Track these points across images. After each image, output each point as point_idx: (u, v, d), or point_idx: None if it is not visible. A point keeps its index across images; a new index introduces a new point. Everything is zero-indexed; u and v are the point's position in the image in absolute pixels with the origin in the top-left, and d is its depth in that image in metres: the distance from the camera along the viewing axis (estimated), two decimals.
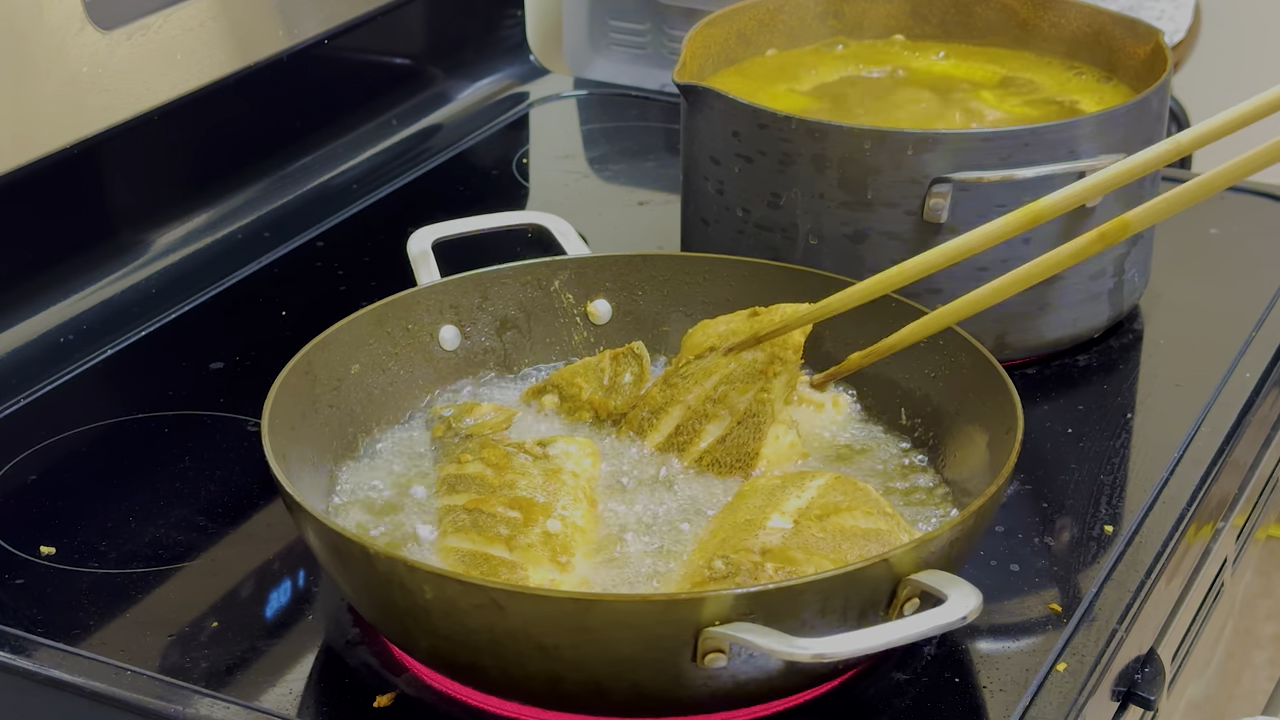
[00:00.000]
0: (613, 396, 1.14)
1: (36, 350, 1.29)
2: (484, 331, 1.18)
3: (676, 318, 1.20)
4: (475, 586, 0.89)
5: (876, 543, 0.98)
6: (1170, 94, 1.33)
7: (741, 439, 1.08)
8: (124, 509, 1.13)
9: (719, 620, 0.87)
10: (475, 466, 1.05)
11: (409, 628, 0.94)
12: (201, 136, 1.44)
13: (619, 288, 1.20)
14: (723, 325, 1.14)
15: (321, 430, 1.07)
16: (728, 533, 1.00)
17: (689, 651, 0.88)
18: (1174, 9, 2.03)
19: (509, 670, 0.92)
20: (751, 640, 0.86)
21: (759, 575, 0.95)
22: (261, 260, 1.44)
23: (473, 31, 1.74)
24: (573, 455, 1.07)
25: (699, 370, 1.12)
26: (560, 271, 1.19)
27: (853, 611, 0.90)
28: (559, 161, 1.66)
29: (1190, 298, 1.38)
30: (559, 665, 0.90)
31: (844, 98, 1.38)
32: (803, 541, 0.97)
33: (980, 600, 0.88)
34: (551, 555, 0.99)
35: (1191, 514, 1.14)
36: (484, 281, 1.18)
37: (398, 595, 0.91)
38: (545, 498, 1.02)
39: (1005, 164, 1.21)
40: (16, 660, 1.00)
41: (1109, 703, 1.04)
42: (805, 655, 0.86)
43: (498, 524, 1.00)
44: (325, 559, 0.96)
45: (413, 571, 0.90)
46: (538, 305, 1.19)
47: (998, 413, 1.04)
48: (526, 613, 0.88)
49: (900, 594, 0.91)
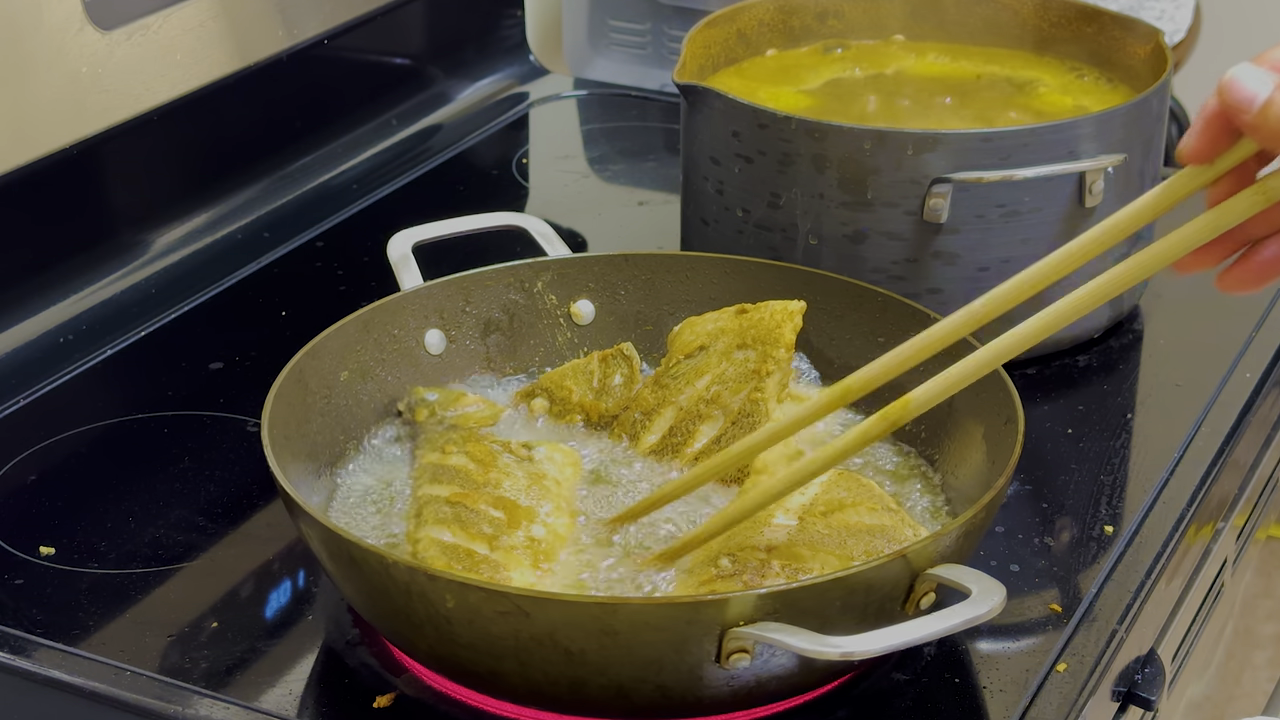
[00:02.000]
0: (603, 398, 1.13)
1: (36, 350, 1.29)
2: (469, 335, 1.17)
3: (660, 316, 1.20)
4: (500, 594, 0.88)
5: (882, 538, 0.98)
6: (1170, 94, 1.33)
7: (736, 439, 1.08)
8: (124, 509, 1.13)
9: (744, 620, 0.87)
10: (459, 459, 1.04)
11: (428, 636, 0.93)
12: (201, 136, 1.44)
13: (601, 288, 1.20)
14: (710, 324, 1.14)
15: (315, 439, 1.07)
16: (730, 532, 1.00)
17: (713, 652, 0.88)
18: (1174, 9, 2.03)
19: (531, 676, 0.91)
20: (782, 640, 0.86)
21: (766, 573, 0.95)
22: (261, 260, 1.43)
23: (473, 31, 1.74)
24: (556, 462, 1.07)
25: (690, 370, 1.12)
26: (543, 273, 1.19)
27: (872, 608, 0.90)
28: (559, 161, 1.66)
29: (1190, 298, 1.38)
30: (583, 670, 0.90)
31: (844, 98, 1.38)
32: (808, 538, 0.97)
33: (1004, 593, 0.88)
34: (534, 560, 0.98)
35: (1191, 514, 1.14)
36: (467, 284, 1.17)
37: (417, 605, 0.90)
38: (529, 501, 1.02)
39: (1005, 164, 1.21)
40: (16, 660, 1.00)
41: (1109, 703, 1.04)
42: (835, 653, 0.86)
43: (481, 521, 0.99)
44: (336, 569, 0.96)
45: (434, 580, 0.89)
46: (521, 307, 1.19)
47: (996, 409, 1.04)
48: (553, 618, 0.88)
49: (918, 589, 0.91)
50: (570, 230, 1.51)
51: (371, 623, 0.99)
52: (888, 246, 1.23)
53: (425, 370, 1.15)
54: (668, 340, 1.16)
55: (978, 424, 1.06)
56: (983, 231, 1.23)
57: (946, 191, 1.21)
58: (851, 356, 1.14)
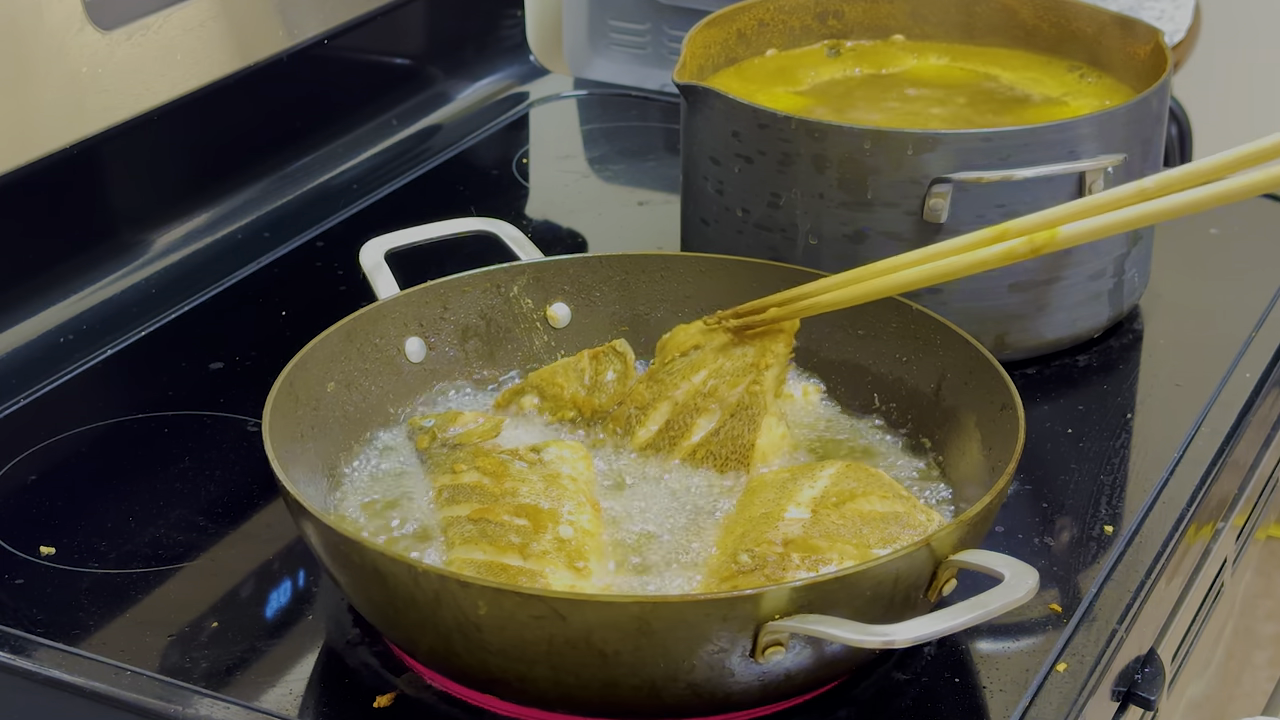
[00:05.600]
0: (596, 394, 1.13)
1: (36, 350, 1.29)
2: (448, 342, 1.17)
3: (635, 317, 1.20)
4: (535, 598, 0.88)
5: (897, 525, 0.99)
6: (1170, 94, 1.33)
7: (735, 431, 1.08)
8: (124, 509, 1.13)
9: (779, 614, 0.87)
10: (472, 476, 1.04)
11: (455, 645, 0.92)
12: (201, 136, 1.44)
13: (577, 290, 1.20)
14: (705, 326, 1.14)
15: (308, 455, 1.06)
16: (745, 527, 1.00)
17: (748, 647, 0.88)
18: (1174, 9, 2.03)
19: (563, 680, 0.91)
20: (827, 631, 0.87)
21: (786, 566, 0.95)
22: (261, 260, 1.43)
23: (473, 31, 1.74)
24: (567, 459, 1.07)
25: (686, 366, 1.12)
26: (518, 277, 1.19)
27: (899, 596, 0.91)
28: (559, 161, 1.66)
29: (1190, 298, 1.38)
30: (618, 671, 0.90)
31: (844, 98, 1.38)
32: (824, 529, 0.98)
33: (1037, 576, 0.89)
34: (568, 561, 0.98)
35: (1191, 514, 1.14)
36: (445, 290, 1.17)
37: (446, 613, 0.90)
38: (550, 504, 1.02)
39: (1005, 164, 1.21)
40: (16, 660, 1.00)
41: (1109, 703, 1.04)
42: (879, 642, 0.87)
43: (508, 533, 0.99)
44: (350, 578, 0.95)
45: (466, 588, 0.88)
46: (498, 312, 1.18)
47: (990, 398, 1.05)
48: (589, 620, 0.88)
49: (940, 576, 0.92)
50: (570, 230, 1.51)
51: (383, 628, 0.98)
52: (888, 246, 1.23)
53: (407, 379, 1.15)
54: (657, 346, 1.16)
55: (970, 413, 1.07)
56: None
57: (946, 191, 1.21)
58: (832, 350, 1.16)
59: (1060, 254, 1.24)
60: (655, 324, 1.19)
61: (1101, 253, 1.27)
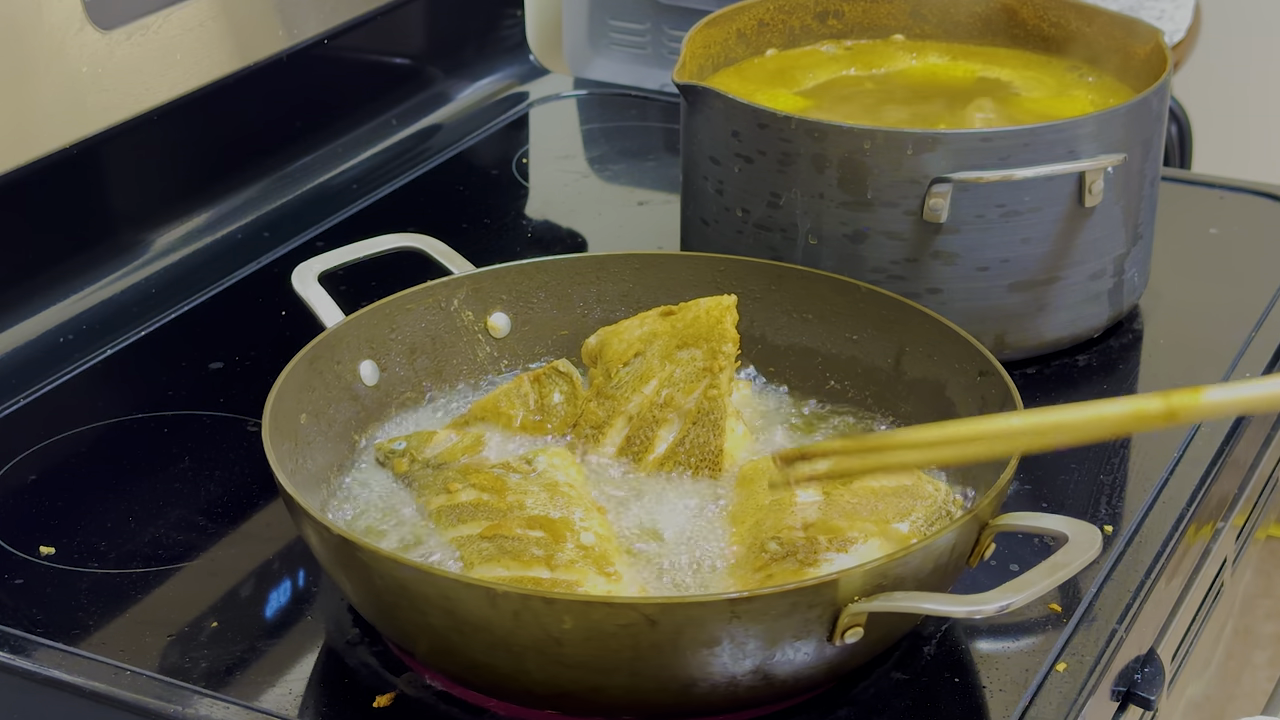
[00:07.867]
0: (548, 418, 1.11)
1: (36, 350, 1.29)
2: (397, 362, 1.15)
3: (573, 321, 1.19)
4: (627, 606, 0.87)
5: (909, 497, 1.01)
6: (1170, 94, 1.33)
7: (701, 439, 1.08)
8: (124, 509, 1.13)
9: (859, 595, 0.89)
10: (470, 494, 1.02)
11: (525, 664, 0.90)
12: (201, 136, 1.44)
13: (514, 299, 1.19)
14: (637, 329, 1.12)
15: (304, 468, 1.05)
16: (758, 516, 1.00)
17: (827, 631, 0.90)
18: (1174, 9, 2.03)
19: (641, 687, 0.91)
20: (919, 606, 0.90)
21: (816, 549, 0.96)
22: (261, 260, 1.43)
23: (473, 31, 1.74)
24: (559, 466, 1.05)
25: (633, 378, 1.10)
26: (457, 290, 1.17)
27: (951, 566, 0.94)
28: (559, 161, 1.66)
29: (1190, 298, 1.38)
30: (696, 670, 0.90)
31: (844, 98, 1.38)
32: (840, 509, 0.99)
33: (1099, 531, 0.93)
34: (598, 568, 0.96)
35: (1191, 514, 1.14)
36: (391, 310, 1.15)
37: (525, 632, 0.88)
38: (560, 513, 1.00)
39: (1004, 164, 1.21)
40: (16, 660, 1.00)
41: (1109, 703, 1.04)
42: (963, 612, 0.89)
43: (528, 546, 0.97)
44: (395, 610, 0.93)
45: (551, 604, 0.87)
46: (441, 327, 1.17)
47: (970, 363, 1.07)
48: (679, 622, 0.88)
49: (983, 542, 0.96)
50: (570, 230, 1.51)
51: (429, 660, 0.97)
52: (887, 246, 1.23)
53: (365, 404, 1.13)
54: (584, 353, 1.15)
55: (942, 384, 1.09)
56: (982, 231, 1.23)
57: (946, 191, 1.21)
58: (793, 336, 1.17)
59: (1060, 253, 1.25)
60: (594, 326, 1.18)
61: (1101, 252, 1.27)
